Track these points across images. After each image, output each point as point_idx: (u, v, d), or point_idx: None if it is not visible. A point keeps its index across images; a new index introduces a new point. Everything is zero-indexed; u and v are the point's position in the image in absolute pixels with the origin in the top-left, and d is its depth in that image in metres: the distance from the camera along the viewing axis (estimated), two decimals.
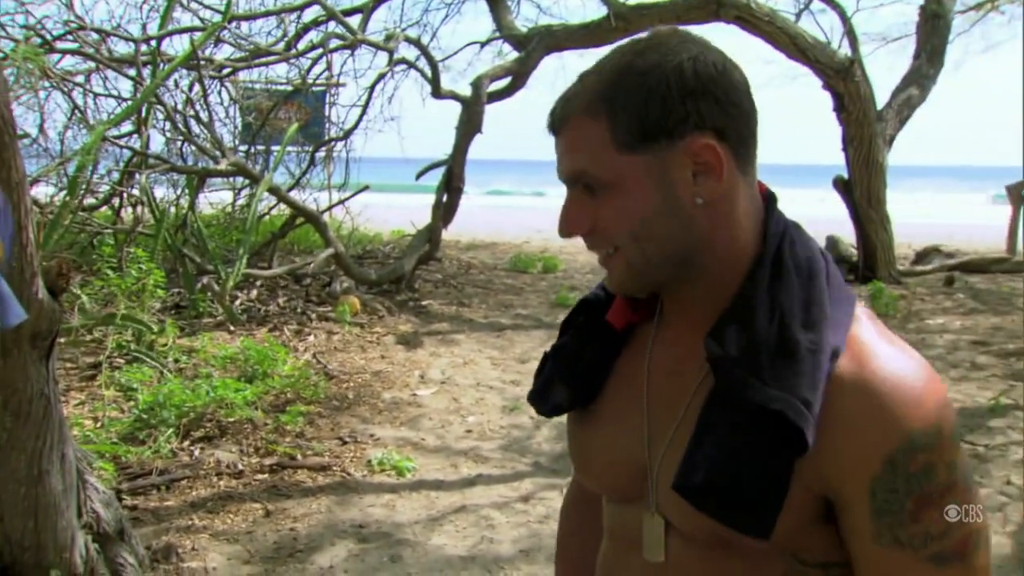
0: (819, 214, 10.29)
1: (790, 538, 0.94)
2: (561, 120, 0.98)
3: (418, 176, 9.39)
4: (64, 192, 7.28)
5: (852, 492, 0.91)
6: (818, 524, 0.94)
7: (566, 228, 1.00)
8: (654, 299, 1.07)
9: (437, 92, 9.13)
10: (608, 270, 1.01)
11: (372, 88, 9.70)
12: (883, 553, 0.91)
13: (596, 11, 10.17)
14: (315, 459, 4.37)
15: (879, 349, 0.94)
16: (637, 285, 1.01)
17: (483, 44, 10.48)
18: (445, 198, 9.04)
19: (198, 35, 7.73)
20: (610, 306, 1.09)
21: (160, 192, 8.42)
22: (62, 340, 4.93)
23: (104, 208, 8.51)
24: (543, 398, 1.12)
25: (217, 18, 8.17)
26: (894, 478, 0.89)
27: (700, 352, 0.95)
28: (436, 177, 9.18)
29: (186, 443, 4.42)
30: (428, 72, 9.16)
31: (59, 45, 7.99)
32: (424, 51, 9.27)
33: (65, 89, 8.04)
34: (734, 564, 0.97)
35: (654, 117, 0.93)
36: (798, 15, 9.31)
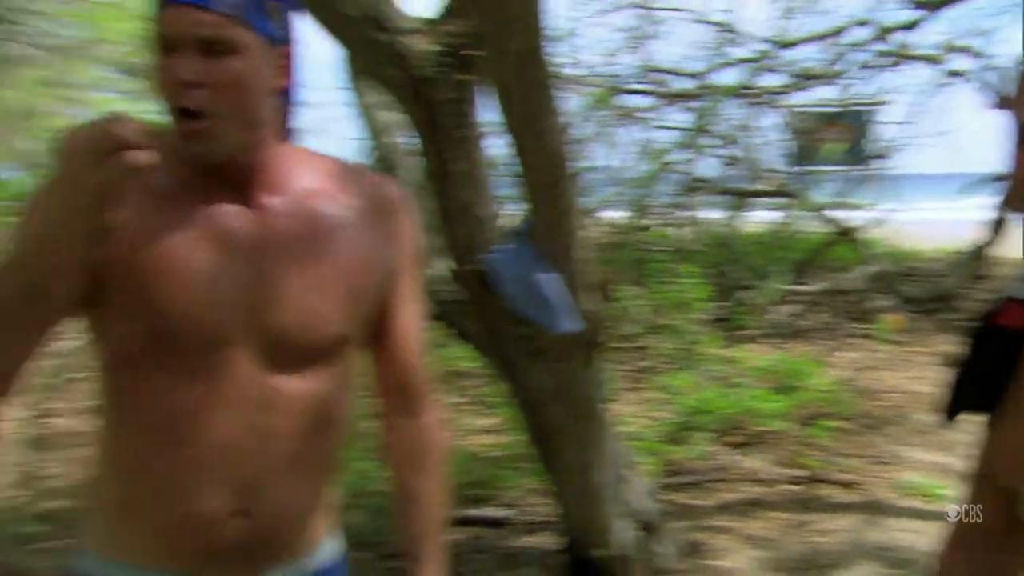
0: None
1: None
2: None
3: (966, 191, 8.53)
4: (629, 214, 7.87)
5: None
6: None
7: None
8: None
9: (998, 103, 8.13)
10: None
11: (918, 103, 9.00)
12: None
13: None
14: (843, 476, 4.13)
15: None
16: None
17: None
18: (997, 214, 8.06)
19: (747, 67, 7.85)
20: None
21: (710, 213, 8.70)
22: (615, 345, 5.26)
23: (660, 227, 8.98)
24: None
25: (765, 48, 8.22)
26: None
27: None
28: (986, 192, 8.22)
29: (720, 447, 4.45)
30: (984, 82, 8.21)
31: (630, 86, 8.66)
32: (984, 61, 8.34)
33: (632, 124, 8.69)
34: None
35: None
36: None
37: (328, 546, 1.34)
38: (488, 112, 2.45)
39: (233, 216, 1.18)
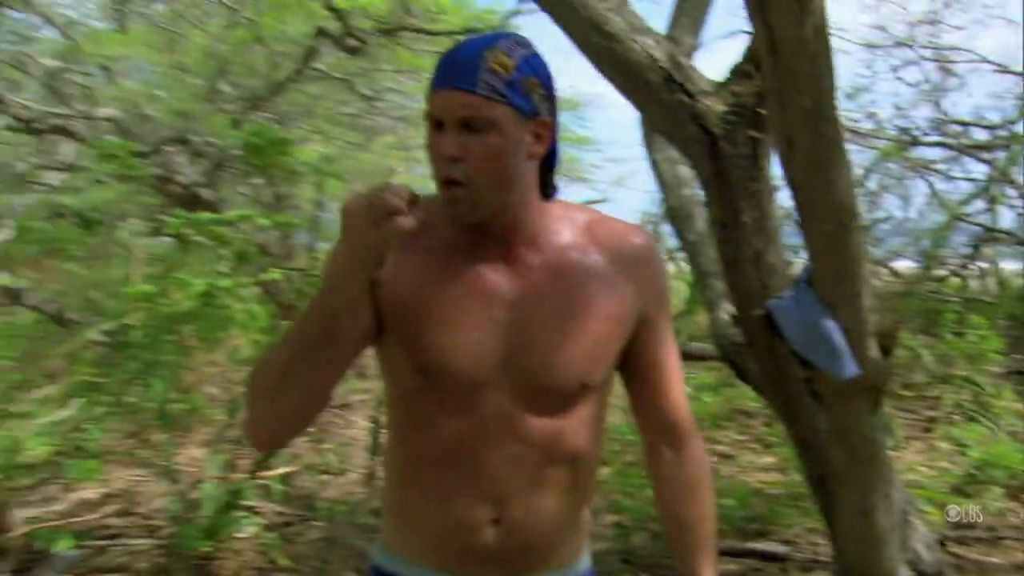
0: None
1: None
2: None
3: None
4: (920, 264, 7.50)
5: None
6: None
7: None
8: None
9: None
10: None
11: None
12: None
13: None
14: None
15: None
16: None
17: None
18: None
19: None
20: None
21: (1007, 264, 8.10)
22: (903, 394, 5.04)
23: (953, 278, 8.45)
24: None
25: None
26: None
27: None
28: None
29: (1015, 504, 4.13)
30: None
31: (924, 138, 8.28)
32: None
33: (925, 175, 8.28)
34: None
35: None
36: None
37: (580, 563, 1.45)
38: (776, 163, 2.54)
39: (492, 270, 1.31)
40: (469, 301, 1.30)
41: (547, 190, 1.37)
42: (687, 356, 4.89)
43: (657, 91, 2.60)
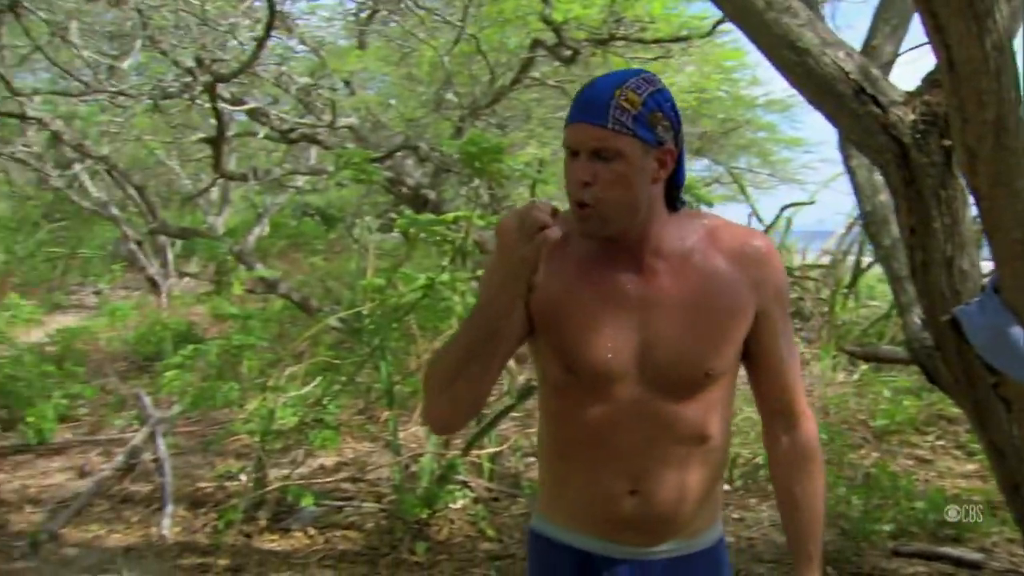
0: None
1: None
2: None
3: None
4: None
5: None
6: None
7: None
8: None
9: None
10: None
11: None
12: None
13: None
14: None
15: None
16: None
17: None
18: None
19: None
20: None
21: None
22: None
23: None
24: None
25: None
26: None
27: None
28: None
29: None
30: None
31: None
32: None
33: None
34: None
35: None
36: None
37: (710, 532, 1.61)
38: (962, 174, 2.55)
39: (624, 277, 1.49)
40: (605, 305, 1.48)
41: (675, 204, 1.55)
42: (878, 359, 4.82)
43: (847, 102, 2.67)
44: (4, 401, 6.12)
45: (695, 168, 12.43)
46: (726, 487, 4.47)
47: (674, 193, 1.54)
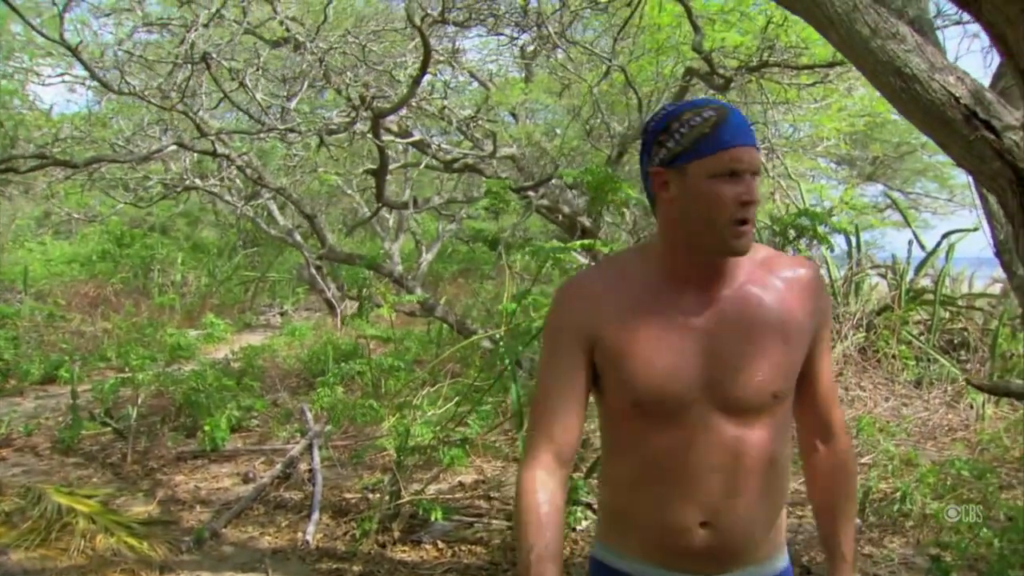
0: None
1: None
2: None
3: None
4: None
5: None
6: None
7: None
8: None
9: None
10: None
11: None
12: None
13: None
14: None
15: None
16: None
17: None
18: None
19: None
20: None
21: None
22: None
23: None
24: None
25: None
26: None
27: None
28: None
29: None
30: None
31: None
32: None
33: None
34: None
35: None
36: None
37: (779, 559, 1.59)
38: None
39: (686, 307, 1.51)
40: (669, 335, 1.50)
41: None
42: (1009, 394, 4.43)
43: (958, 128, 2.57)
44: (189, 411, 6.71)
45: (869, 193, 11.86)
46: (857, 521, 4.27)
47: None
